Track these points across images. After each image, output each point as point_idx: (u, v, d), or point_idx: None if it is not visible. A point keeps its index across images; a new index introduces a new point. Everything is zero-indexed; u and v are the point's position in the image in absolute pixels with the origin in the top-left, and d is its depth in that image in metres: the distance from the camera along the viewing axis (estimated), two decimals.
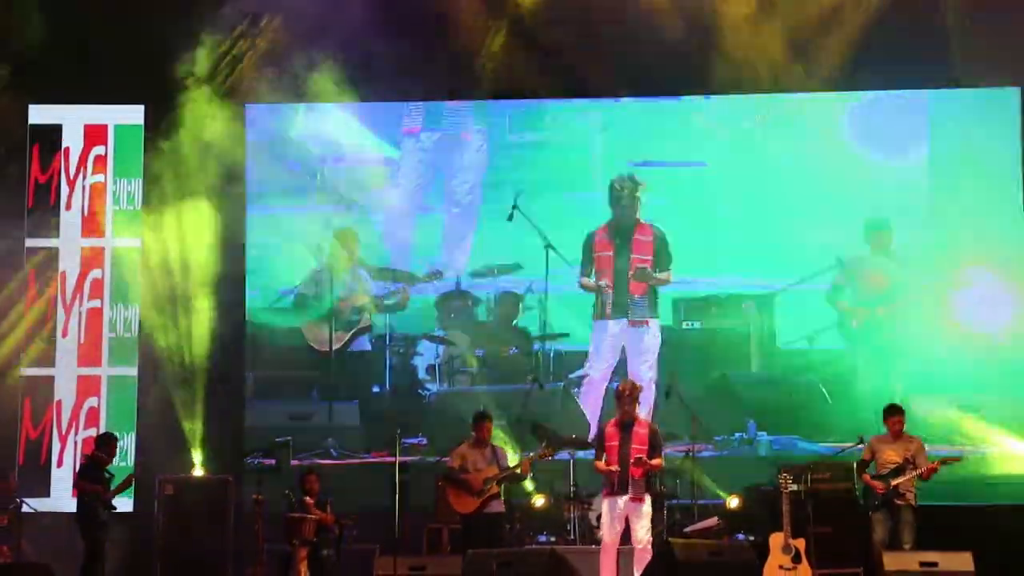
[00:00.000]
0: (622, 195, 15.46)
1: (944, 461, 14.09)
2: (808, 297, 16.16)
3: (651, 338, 15.62)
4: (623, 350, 15.71)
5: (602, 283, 15.58)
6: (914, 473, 13.97)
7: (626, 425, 13.57)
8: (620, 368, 15.72)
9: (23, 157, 16.30)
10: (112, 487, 14.36)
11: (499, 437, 15.03)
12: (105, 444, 14.73)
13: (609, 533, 13.52)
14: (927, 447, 14.33)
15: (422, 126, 16.87)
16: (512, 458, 14.64)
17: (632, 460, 13.38)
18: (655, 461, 13.52)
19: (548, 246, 16.05)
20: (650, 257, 15.50)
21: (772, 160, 16.48)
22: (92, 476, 14.45)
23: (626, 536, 13.58)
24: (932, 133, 16.18)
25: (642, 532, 13.46)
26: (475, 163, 16.80)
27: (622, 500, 13.47)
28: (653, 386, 15.40)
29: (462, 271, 16.73)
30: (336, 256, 16.46)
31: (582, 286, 15.85)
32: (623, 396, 13.63)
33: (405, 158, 16.91)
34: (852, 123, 16.35)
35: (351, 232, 16.53)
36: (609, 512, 13.53)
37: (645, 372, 15.42)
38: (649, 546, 13.46)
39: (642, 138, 16.58)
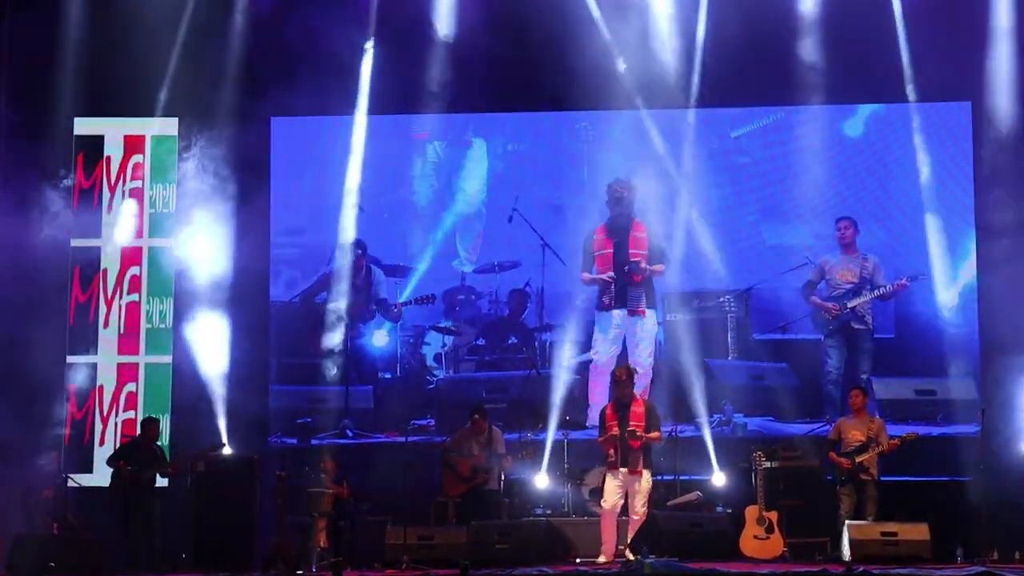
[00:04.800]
0: (621, 197, 15.51)
1: (903, 439, 14.19)
2: (781, 292, 16.22)
3: (649, 326, 15.61)
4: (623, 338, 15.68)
5: (606, 275, 15.60)
6: (877, 451, 14.08)
7: (624, 406, 13.83)
8: (621, 355, 15.75)
9: (70, 165, 16.40)
10: (147, 467, 14.48)
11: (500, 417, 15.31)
12: (142, 427, 14.95)
13: (609, 502, 13.76)
14: (888, 427, 14.41)
15: (432, 136, 16.98)
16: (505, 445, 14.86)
17: (627, 431, 13.61)
18: (653, 434, 13.77)
19: (544, 245, 16.28)
20: (645, 252, 15.54)
21: (752, 166, 16.64)
22: (119, 455, 14.66)
23: (624, 508, 13.79)
24: (893, 143, 16.31)
25: (639, 504, 13.70)
26: (480, 169, 16.94)
27: (621, 473, 13.73)
28: (651, 371, 15.43)
29: (467, 267, 16.87)
30: (347, 260, 16.58)
31: (585, 280, 15.85)
32: (620, 380, 13.89)
33: (417, 165, 17.08)
34: (826, 132, 16.45)
35: (359, 242, 16.64)
36: (611, 485, 13.78)
37: (644, 358, 15.42)
38: (645, 516, 13.69)
39: (631, 147, 16.64)
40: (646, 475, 13.79)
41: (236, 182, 16.21)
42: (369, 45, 16.35)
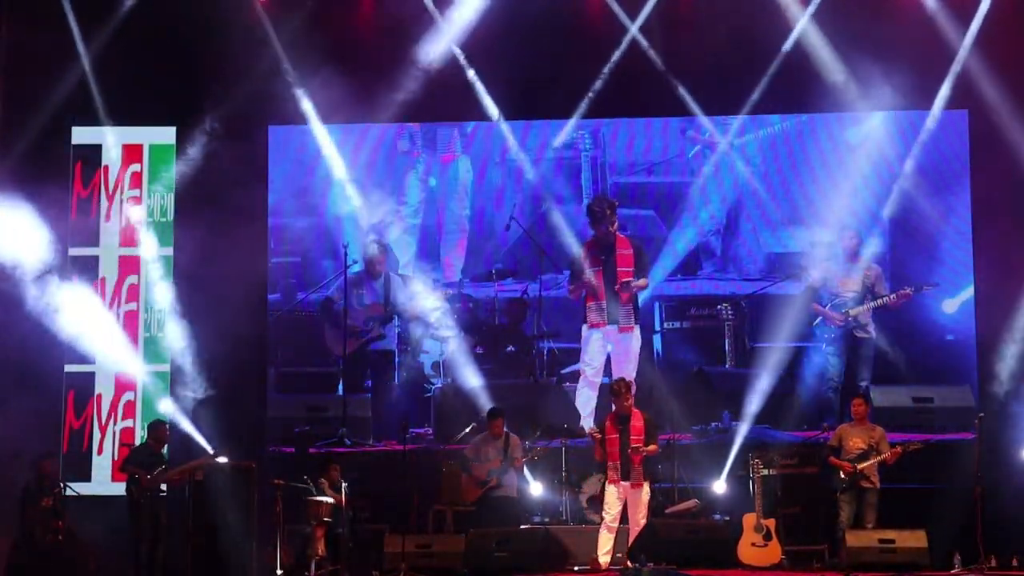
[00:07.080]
0: (602, 216, 15.19)
1: (907, 448, 14.20)
2: (779, 299, 16.20)
3: (635, 343, 15.36)
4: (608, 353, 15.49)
5: (587, 275, 15.22)
6: (878, 459, 14.08)
7: (622, 419, 13.80)
8: (605, 369, 15.61)
9: (67, 174, 16.38)
10: (158, 473, 14.42)
11: None
12: (151, 431, 14.92)
13: (610, 514, 13.75)
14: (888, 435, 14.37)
15: (430, 145, 17.02)
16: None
17: (630, 449, 13.61)
18: (651, 447, 13.75)
19: (542, 253, 16.33)
20: (632, 268, 15.20)
21: (753, 174, 16.71)
22: (134, 461, 14.63)
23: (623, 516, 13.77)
24: (891, 151, 16.37)
25: (640, 516, 13.72)
26: (479, 179, 16.97)
27: (623, 486, 13.72)
28: (634, 386, 15.11)
29: (465, 275, 16.97)
30: (365, 265, 16.58)
31: (571, 293, 15.60)
32: (619, 392, 13.82)
33: (416, 173, 17.11)
34: (827, 140, 16.55)
35: (379, 244, 16.68)
36: (611, 496, 13.76)
37: (631, 373, 15.19)
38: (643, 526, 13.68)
39: (629, 155, 16.79)
40: (646, 487, 13.79)
41: (234, 190, 16.07)
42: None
